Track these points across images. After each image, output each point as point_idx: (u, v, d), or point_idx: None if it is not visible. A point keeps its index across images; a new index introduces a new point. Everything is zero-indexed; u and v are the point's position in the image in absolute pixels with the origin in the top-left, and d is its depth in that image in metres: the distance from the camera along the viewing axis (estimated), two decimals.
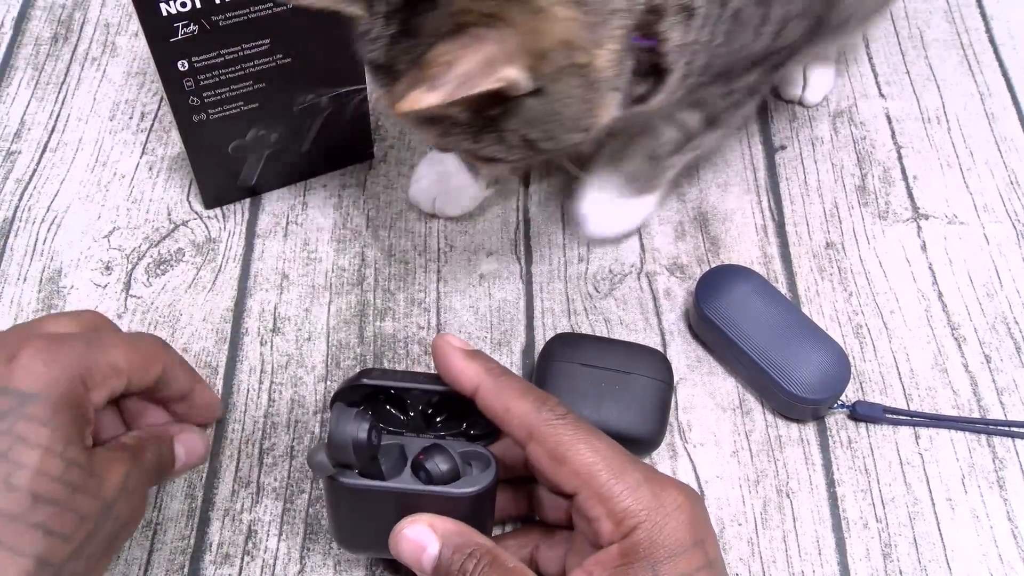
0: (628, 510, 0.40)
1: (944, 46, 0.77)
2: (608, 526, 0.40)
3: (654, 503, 0.40)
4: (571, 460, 0.41)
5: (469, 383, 0.44)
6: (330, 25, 0.59)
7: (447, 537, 0.42)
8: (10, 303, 0.62)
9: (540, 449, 0.42)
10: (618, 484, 0.41)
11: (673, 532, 0.40)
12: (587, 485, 0.41)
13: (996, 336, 0.61)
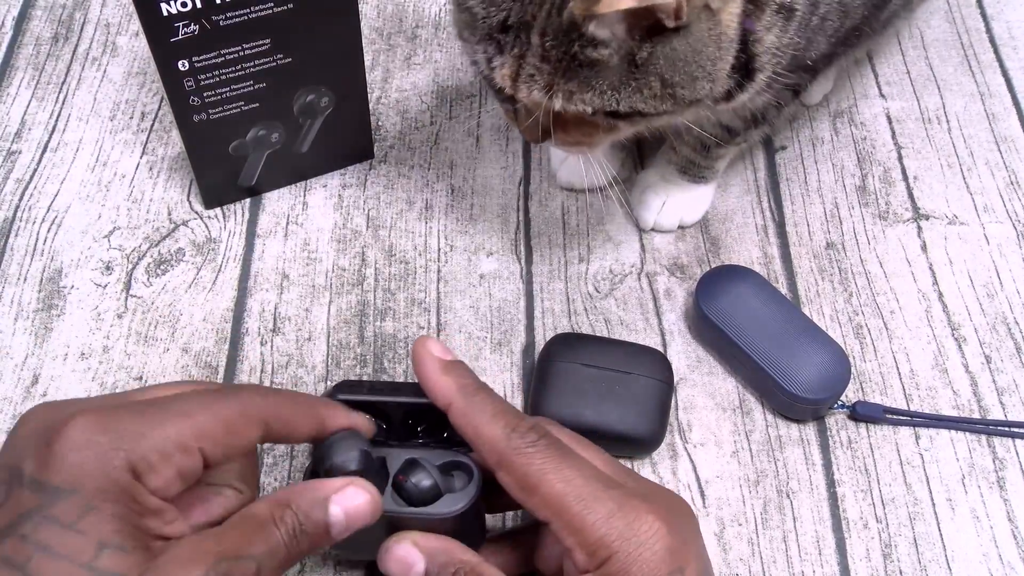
0: (600, 540, 0.40)
1: (944, 46, 0.77)
2: (581, 557, 0.40)
3: (628, 532, 0.40)
4: (540, 490, 0.40)
5: (442, 398, 0.43)
6: (330, 26, 0.59)
7: (432, 555, 0.43)
8: (10, 303, 0.62)
9: (509, 478, 0.41)
10: (590, 515, 0.40)
11: (647, 562, 0.39)
12: (558, 516, 0.40)
13: (996, 336, 0.61)
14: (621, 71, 0.46)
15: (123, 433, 0.36)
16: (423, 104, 0.73)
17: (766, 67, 0.51)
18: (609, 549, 0.39)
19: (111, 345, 0.60)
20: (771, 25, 0.50)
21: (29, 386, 0.58)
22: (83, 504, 0.35)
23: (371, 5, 0.79)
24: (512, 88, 0.48)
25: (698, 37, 0.46)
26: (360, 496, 0.41)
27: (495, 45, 0.48)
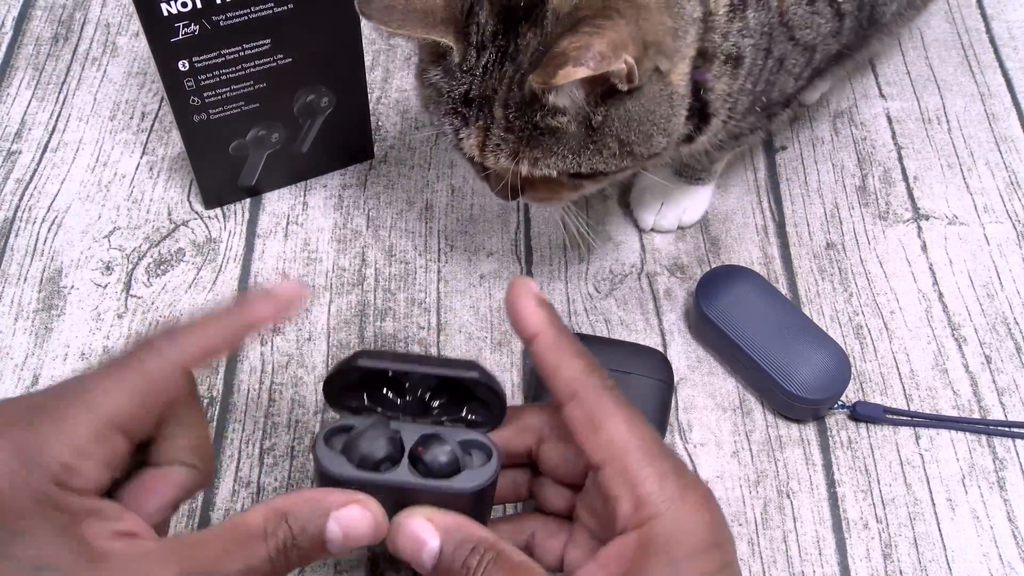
0: (650, 496, 0.37)
1: (944, 47, 0.77)
2: (627, 508, 0.37)
3: (678, 496, 0.38)
4: (607, 429, 0.39)
5: (531, 327, 0.41)
6: (330, 26, 0.59)
7: (447, 532, 0.39)
8: (10, 303, 0.62)
9: (579, 411, 0.39)
10: (647, 467, 0.38)
11: (695, 530, 0.37)
12: (616, 459, 0.38)
13: (996, 337, 0.61)
14: (580, 135, 0.49)
15: (32, 447, 0.34)
16: None
17: (720, 111, 0.54)
18: (657, 508, 0.37)
19: (111, 345, 0.60)
20: (721, 74, 0.52)
21: (29, 386, 0.58)
22: (9, 531, 0.33)
23: None
24: (480, 157, 0.51)
25: (650, 97, 0.48)
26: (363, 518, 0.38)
27: (460, 118, 0.50)
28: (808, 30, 0.54)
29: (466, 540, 0.39)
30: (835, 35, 0.57)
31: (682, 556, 0.37)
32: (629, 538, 0.37)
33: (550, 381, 0.41)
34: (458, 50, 0.49)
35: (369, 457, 0.40)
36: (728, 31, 0.51)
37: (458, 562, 0.39)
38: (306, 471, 0.55)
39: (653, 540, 0.37)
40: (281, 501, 0.37)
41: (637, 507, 0.37)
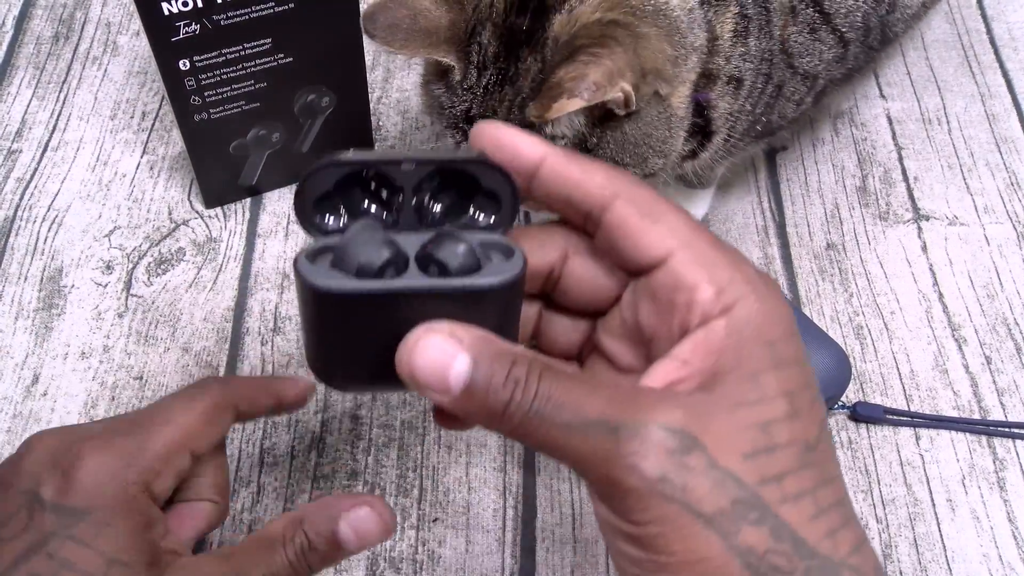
0: (734, 278, 0.33)
1: (945, 47, 0.77)
2: (708, 294, 0.33)
3: (757, 278, 0.34)
4: (668, 219, 0.34)
5: (532, 151, 0.35)
6: (331, 25, 0.59)
7: (477, 347, 0.31)
8: (11, 302, 0.62)
9: (629, 207, 0.34)
10: (719, 253, 0.34)
11: (781, 314, 0.33)
12: (688, 246, 0.33)
13: (997, 337, 0.61)
14: None
15: (129, 451, 0.40)
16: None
17: (721, 130, 0.55)
18: (741, 290, 0.33)
19: (111, 344, 0.60)
20: (723, 94, 0.53)
21: (29, 385, 0.58)
22: (99, 523, 0.39)
23: None
24: None
25: (648, 121, 0.49)
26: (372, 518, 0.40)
27: (461, 133, 0.51)
28: (809, 58, 0.55)
29: (502, 353, 0.32)
30: (839, 61, 0.57)
31: (778, 337, 0.33)
32: (715, 326, 0.33)
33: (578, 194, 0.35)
34: (459, 69, 0.49)
35: (368, 265, 0.32)
36: (731, 55, 0.52)
37: (496, 378, 0.31)
38: (306, 471, 0.55)
39: (746, 322, 0.33)
40: (299, 511, 0.41)
41: (720, 291, 0.33)
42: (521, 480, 0.55)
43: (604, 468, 0.30)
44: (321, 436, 0.57)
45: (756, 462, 0.31)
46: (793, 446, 0.32)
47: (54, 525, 0.38)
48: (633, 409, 0.30)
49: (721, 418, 0.31)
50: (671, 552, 0.30)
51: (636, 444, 0.30)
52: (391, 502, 0.54)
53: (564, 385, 0.31)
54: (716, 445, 0.30)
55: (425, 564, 0.52)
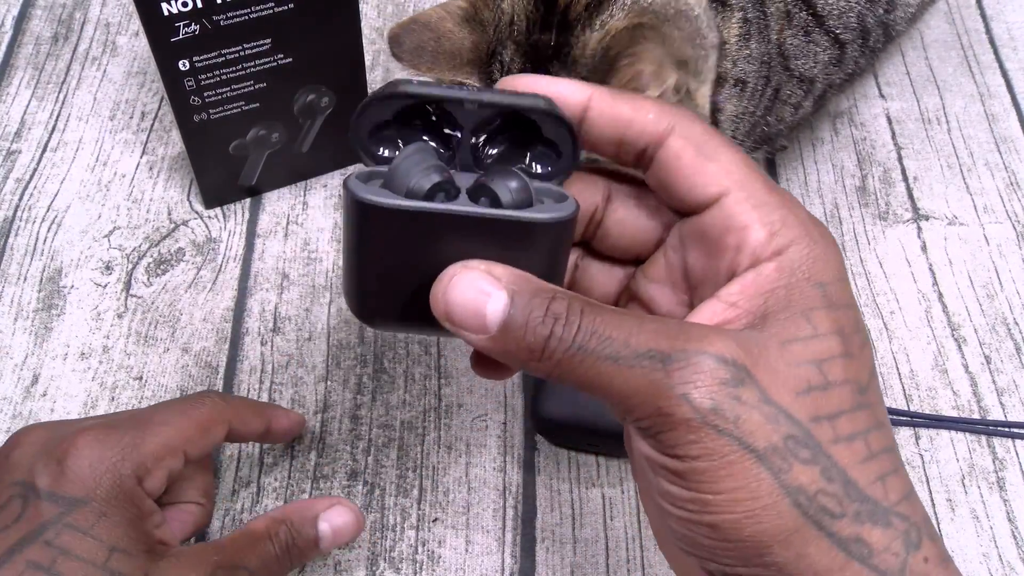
0: (786, 220, 0.32)
1: (944, 47, 0.77)
2: (761, 236, 0.32)
3: (810, 222, 0.33)
4: (722, 157, 0.33)
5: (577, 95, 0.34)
6: (330, 25, 0.59)
7: (515, 283, 0.31)
8: (10, 303, 0.62)
9: (684, 142, 0.33)
10: (772, 195, 0.33)
11: (833, 257, 0.33)
12: (742, 186, 0.33)
13: (996, 337, 0.61)
14: None
15: (125, 445, 0.42)
16: None
17: (727, 132, 0.55)
18: (794, 231, 0.32)
19: (111, 345, 0.60)
20: (730, 96, 0.53)
21: (29, 386, 0.58)
22: (96, 512, 0.40)
23: (371, 5, 0.79)
24: None
25: None
26: (346, 514, 0.47)
27: None
28: (804, 60, 0.55)
29: (541, 290, 0.31)
30: (837, 64, 0.57)
31: (830, 280, 0.32)
32: (765, 267, 0.32)
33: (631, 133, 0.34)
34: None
35: (418, 187, 0.31)
36: (737, 58, 0.52)
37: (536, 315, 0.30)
38: (306, 471, 0.55)
39: (797, 265, 0.32)
40: (279, 511, 0.45)
41: (772, 234, 0.32)
42: (521, 480, 0.55)
43: (653, 400, 0.29)
44: (321, 436, 0.57)
45: (810, 398, 0.30)
46: (847, 385, 0.31)
47: (50, 513, 0.39)
48: (684, 339, 0.29)
49: (773, 353, 0.30)
50: (718, 489, 0.29)
51: (688, 373, 0.29)
52: (391, 502, 0.54)
53: (608, 318, 0.30)
54: (769, 379, 0.30)
55: (425, 564, 0.52)
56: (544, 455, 0.56)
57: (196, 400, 0.46)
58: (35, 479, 0.40)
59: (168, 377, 0.59)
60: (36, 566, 0.38)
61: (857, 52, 0.58)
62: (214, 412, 0.46)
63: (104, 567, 0.39)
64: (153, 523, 0.42)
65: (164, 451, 0.43)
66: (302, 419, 0.54)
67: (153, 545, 0.41)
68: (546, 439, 0.57)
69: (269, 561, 0.43)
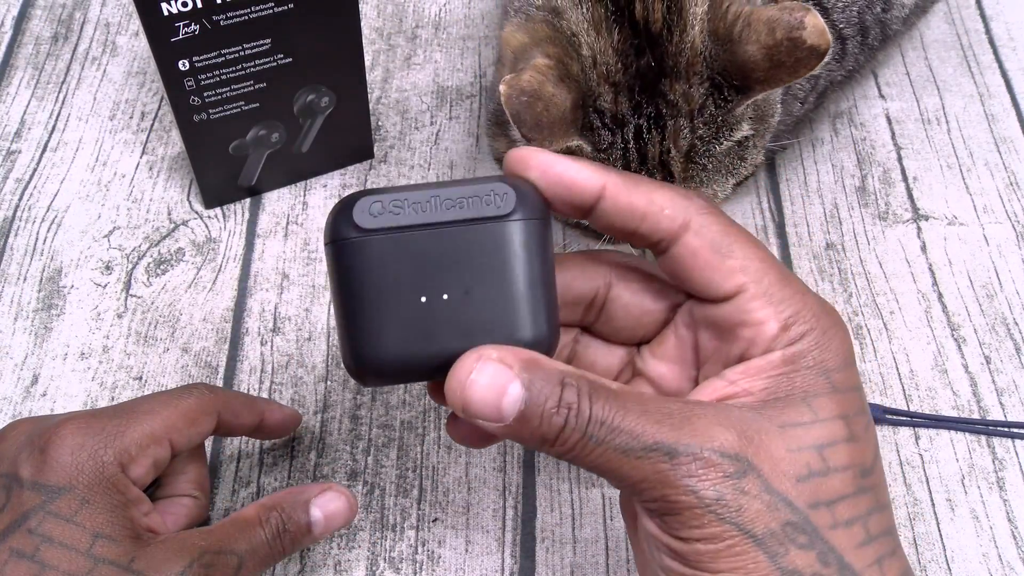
0: (799, 314, 0.34)
1: (944, 47, 0.77)
2: (773, 329, 0.34)
3: (822, 312, 0.35)
4: (738, 253, 0.35)
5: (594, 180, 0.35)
6: (330, 25, 0.59)
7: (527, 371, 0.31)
8: (10, 303, 0.62)
9: (699, 240, 0.34)
10: (787, 288, 0.35)
11: (841, 345, 0.35)
12: (757, 282, 0.34)
13: (996, 337, 0.61)
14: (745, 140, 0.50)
15: (108, 433, 0.42)
16: (423, 104, 0.73)
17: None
18: (807, 324, 0.34)
19: (111, 345, 0.60)
20: None
21: (29, 386, 0.58)
22: (79, 499, 0.40)
23: (371, 5, 0.79)
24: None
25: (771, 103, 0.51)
26: (337, 499, 0.46)
27: None
28: None
29: (551, 374, 0.32)
30: (839, 60, 0.57)
31: (835, 367, 0.34)
32: (773, 355, 0.34)
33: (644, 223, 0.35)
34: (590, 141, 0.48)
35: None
36: None
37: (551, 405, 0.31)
38: (306, 471, 0.55)
39: (802, 354, 0.34)
40: (269, 498, 0.45)
41: (784, 327, 0.34)
42: (521, 480, 0.55)
43: (660, 488, 0.31)
44: (321, 436, 0.57)
45: (810, 484, 0.32)
46: (849, 470, 0.32)
47: (33, 502, 0.39)
48: (689, 432, 0.31)
49: (774, 438, 0.32)
50: (717, 569, 0.31)
51: (694, 468, 0.31)
52: (391, 502, 0.54)
53: (616, 408, 0.31)
54: (770, 467, 0.31)
55: (425, 564, 0.52)
56: (544, 455, 0.56)
57: (184, 391, 0.46)
58: (18, 470, 0.40)
59: (168, 377, 0.59)
60: (19, 554, 0.38)
61: (857, 49, 0.58)
62: (202, 402, 0.46)
63: (88, 553, 0.39)
64: (140, 511, 0.42)
65: (148, 439, 0.43)
66: (296, 414, 0.54)
67: (139, 532, 0.41)
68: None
69: (259, 546, 0.43)
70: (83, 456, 0.41)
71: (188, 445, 0.45)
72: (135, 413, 0.44)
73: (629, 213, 0.35)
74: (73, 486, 0.40)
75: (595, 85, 0.47)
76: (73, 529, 0.39)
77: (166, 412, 0.44)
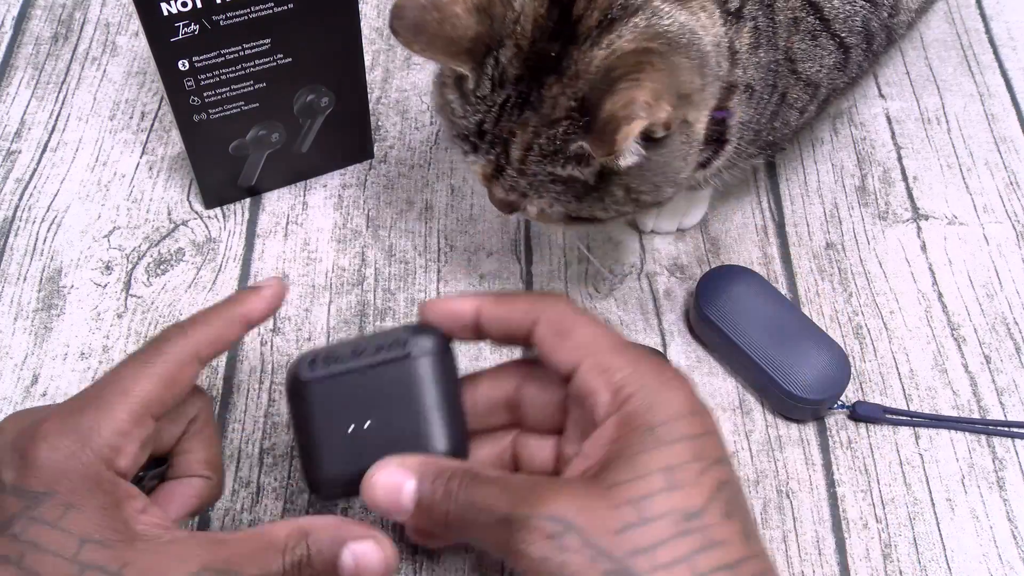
0: (626, 380, 0.39)
1: (944, 47, 0.77)
2: (605, 397, 0.39)
3: (652, 375, 0.39)
4: (575, 334, 0.41)
5: (466, 305, 0.43)
6: (330, 25, 0.59)
7: (420, 469, 0.40)
8: (10, 303, 0.62)
9: (546, 328, 0.41)
10: (619, 357, 0.40)
11: (672, 400, 0.39)
12: (589, 356, 0.40)
13: (996, 336, 0.61)
14: (588, 185, 0.49)
15: (83, 429, 0.39)
16: (423, 104, 0.73)
17: (733, 138, 0.55)
18: (633, 387, 0.39)
19: (111, 345, 0.60)
20: (740, 103, 0.53)
21: (29, 386, 0.58)
22: (63, 504, 0.38)
23: (371, 5, 0.79)
24: (486, 184, 0.52)
25: (671, 149, 0.49)
26: (376, 554, 0.40)
27: (471, 145, 0.51)
28: (811, 63, 0.55)
29: (442, 471, 0.40)
30: (841, 68, 0.57)
31: (659, 422, 0.38)
32: (609, 422, 0.39)
33: (508, 326, 0.43)
34: (473, 79, 0.49)
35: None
36: (747, 65, 0.52)
37: (438, 494, 0.39)
38: None
39: (632, 416, 0.38)
40: (306, 521, 0.41)
41: (614, 394, 0.39)
42: None
43: (504, 553, 0.37)
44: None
45: (627, 535, 0.36)
46: (668, 516, 0.36)
47: (16, 507, 0.38)
48: (528, 503, 0.37)
49: (599, 500, 0.37)
50: None
51: (524, 533, 0.36)
52: None
53: (484, 490, 0.38)
54: (592, 525, 0.36)
55: (425, 564, 0.52)
56: None
57: (154, 351, 0.42)
58: (2, 473, 0.39)
59: None
60: (5, 559, 0.37)
61: (861, 56, 0.58)
62: (177, 357, 0.42)
63: (74, 560, 0.37)
64: (134, 508, 0.39)
65: (128, 424, 0.40)
66: (280, 283, 0.47)
67: (134, 532, 0.38)
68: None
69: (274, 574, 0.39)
70: (61, 459, 0.38)
71: (173, 405, 0.42)
72: (109, 397, 0.41)
73: (498, 320, 0.43)
74: (55, 491, 0.38)
75: (506, 36, 0.48)
76: (59, 535, 0.37)
77: (140, 387, 0.41)
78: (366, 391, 0.43)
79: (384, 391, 0.43)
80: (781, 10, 0.53)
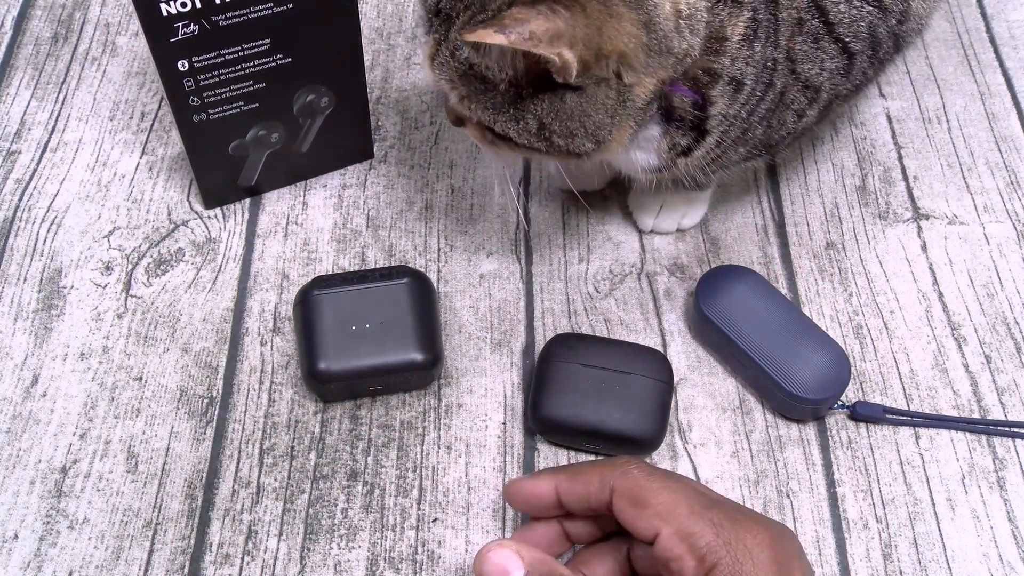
0: (709, 546, 0.41)
1: (944, 46, 0.77)
2: (690, 564, 0.41)
3: (735, 540, 0.41)
4: (651, 503, 0.42)
5: (548, 492, 0.46)
6: (330, 25, 0.59)
7: (533, 565, 0.42)
8: (10, 303, 0.62)
9: (622, 500, 0.43)
10: (699, 522, 0.41)
11: (760, 556, 0.41)
12: (668, 525, 0.41)
13: (996, 336, 0.61)
14: (506, 99, 0.49)
15: None
16: (423, 104, 0.72)
17: (715, 131, 0.54)
18: (717, 555, 0.40)
19: (111, 345, 0.60)
20: (723, 94, 0.52)
21: (29, 386, 0.58)
22: None
23: (371, 5, 0.79)
24: (428, 66, 0.51)
25: (591, 101, 0.48)
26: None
27: (428, 24, 0.51)
28: (811, 65, 0.54)
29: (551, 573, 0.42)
30: (844, 74, 0.56)
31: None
32: None
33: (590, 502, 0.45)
34: None
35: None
36: (736, 57, 0.51)
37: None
38: (306, 471, 0.55)
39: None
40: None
41: (699, 560, 0.40)
42: None
43: None
44: (321, 436, 0.57)
45: None
46: None
47: None
48: None
49: None
50: None
51: None
52: (391, 502, 0.54)
53: None
54: None
55: (425, 564, 0.52)
56: (543, 455, 0.56)
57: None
58: None
59: (168, 377, 0.59)
60: None
61: (866, 63, 0.57)
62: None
63: None
64: None
65: None
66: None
67: None
68: (545, 439, 0.57)
69: None
70: None
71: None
72: None
73: (579, 500, 0.45)
74: None
75: None
76: None
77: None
78: (364, 304, 0.56)
79: (379, 305, 0.56)
80: (786, 7, 0.52)
